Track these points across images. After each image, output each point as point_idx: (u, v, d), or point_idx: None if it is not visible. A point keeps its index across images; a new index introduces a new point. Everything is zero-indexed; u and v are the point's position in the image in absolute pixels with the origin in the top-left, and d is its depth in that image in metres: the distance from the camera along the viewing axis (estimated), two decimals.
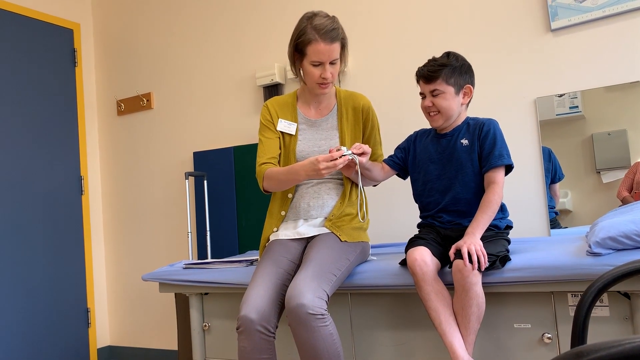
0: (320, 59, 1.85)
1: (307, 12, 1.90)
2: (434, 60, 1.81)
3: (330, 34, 1.83)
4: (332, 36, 1.83)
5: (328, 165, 1.72)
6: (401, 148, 2.02)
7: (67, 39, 3.64)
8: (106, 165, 3.79)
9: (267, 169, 1.94)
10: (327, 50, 1.84)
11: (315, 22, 1.84)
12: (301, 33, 1.87)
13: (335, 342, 1.60)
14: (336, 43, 1.85)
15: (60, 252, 3.42)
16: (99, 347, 3.62)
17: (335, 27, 1.85)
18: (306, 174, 1.78)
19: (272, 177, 1.91)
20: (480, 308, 1.58)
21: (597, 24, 2.29)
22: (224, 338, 2.24)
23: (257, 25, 3.19)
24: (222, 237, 3.12)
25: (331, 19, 1.87)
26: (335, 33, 1.85)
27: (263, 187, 1.97)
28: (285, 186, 1.91)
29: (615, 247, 1.54)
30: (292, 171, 1.83)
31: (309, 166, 1.76)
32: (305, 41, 1.86)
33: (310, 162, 1.76)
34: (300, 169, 1.79)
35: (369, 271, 1.86)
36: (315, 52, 1.85)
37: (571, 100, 2.32)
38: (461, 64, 1.80)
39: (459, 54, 1.84)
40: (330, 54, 1.85)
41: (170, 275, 2.26)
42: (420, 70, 1.83)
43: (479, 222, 1.67)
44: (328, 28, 1.83)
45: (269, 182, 1.93)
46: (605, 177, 2.25)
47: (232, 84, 3.27)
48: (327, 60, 1.86)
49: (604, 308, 1.59)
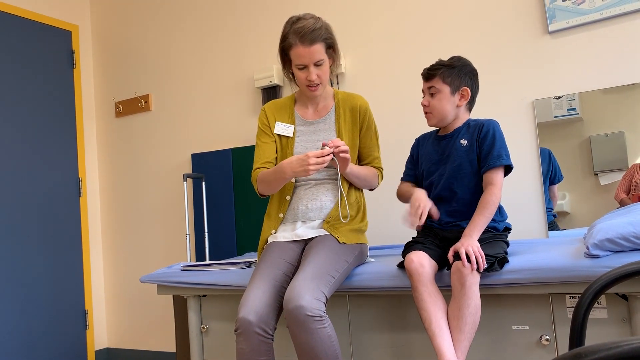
0: (303, 62, 1.86)
1: (292, 17, 1.90)
2: (439, 60, 1.85)
3: (309, 36, 1.82)
4: (312, 38, 1.83)
5: (318, 161, 1.72)
6: (409, 159, 2.04)
7: (65, 40, 3.64)
8: (104, 167, 3.79)
9: (260, 172, 1.95)
10: (307, 52, 1.84)
11: (297, 26, 1.85)
12: (284, 38, 1.89)
13: (333, 343, 1.60)
14: (317, 44, 1.84)
15: (58, 253, 3.41)
16: (96, 349, 3.61)
17: (315, 29, 1.83)
18: (292, 171, 1.77)
19: (263, 180, 1.92)
20: (477, 311, 1.57)
21: (594, 27, 2.30)
22: (222, 340, 2.24)
23: (255, 27, 3.19)
24: (220, 239, 3.12)
25: (315, 20, 1.86)
26: (316, 34, 1.83)
27: (258, 191, 1.98)
28: (275, 186, 1.90)
29: (613, 249, 1.54)
30: (278, 169, 1.83)
31: (295, 162, 1.76)
32: (287, 46, 1.88)
33: (297, 159, 1.76)
34: (286, 166, 1.79)
35: (367, 273, 1.86)
36: (296, 55, 1.86)
37: (569, 102, 2.32)
38: (462, 66, 1.81)
39: (466, 58, 1.85)
40: (312, 56, 1.85)
41: (168, 277, 2.26)
42: (424, 69, 1.87)
43: (476, 224, 1.67)
44: (307, 30, 1.82)
45: (262, 185, 1.94)
46: (603, 179, 2.25)
47: (231, 85, 3.27)
48: (309, 62, 1.86)
49: (602, 310, 1.59)
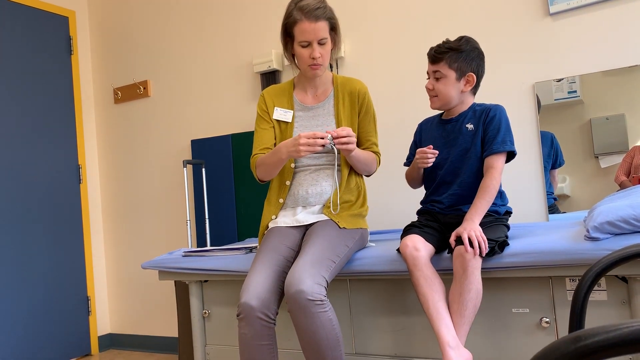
0: (307, 38, 1.86)
1: None
2: (446, 42, 1.79)
3: (314, 12, 1.84)
4: (317, 15, 1.84)
5: (308, 142, 1.73)
6: (412, 145, 2.03)
7: (63, 26, 3.61)
8: (104, 154, 3.78)
9: (259, 157, 1.95)
10: (312, 28, 1.84)
11: (301, 4, 1.86)
12: (288, 16, 1.90)
13: (334, 327, 1.61)
14: (322, 21, 1.85)
15: (60, 240, 3.42)
16: (99, 334, 3.64)
17: (320, 7, 1.85)
18: (287, 151, 1.80)
19: (261, 163, 1.93)
20: (478, 296, 1.58)
21: (595, 8, 2.28)
22: (224, 325, 2.25)
23: (254, 11, 3.16)
24: (221, 225, 3.12)
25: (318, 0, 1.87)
26: (321, 12, 1.85)
27: (257, 176, 1.99)
28: (273, 169, 1.91)
29: (613, 232, 1.55)
30: (275, 150, 1.86)
31: (290, 142, 1.79)
32: (292, 22, 1.88)
33: (292, 139, 1.79)
34: (283, 146, 1.82)
35: (368, 257, 1.87)
36: (301, 31, 1.86)
37: (569, 85, 2.31)
38: (470, 50, 1.77)
39: (474, 39, 1.81)
40: (317, 33, 1.85)
41: (169, 263, 2.26)
42: (430, 49, 1.83)
43: (477, 208, 1.67)
44: (312, 7, 1.84)
45: (260, 169, 1.95)
46: (604, 161, 2.25)
47: (230, 71, 3.25)
48: (314, 39, 1.86)
49: (601, 292, 1.60)
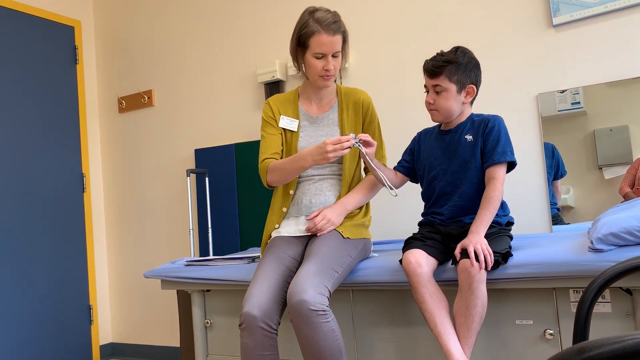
0: (324, 51, 1.87)
1: (309, 7, 1.93)
2: (441, 54, 1.77)
3: (332, 25, 1.86)
4: (335, 28, 1.86)
5: (335, 148, 1.72)
6: (407, 151, 2.01)
7: (68, 36, 3.64)
8: (108, 163, 3.80)
9: (271, 162, 1.94)
10: (329, 41, 1.86)
11: (318, 15, 1.88)
12: (304, 26, 1.89)
13: (337, 338, 1.60)
14: (338, 35, 1.88)
15: (63, 249, 3.42)
16: (101, 344, 3.63)
17: (336, 20, 1.88)
18: (313, 159, 1.79)
19: (277, 168, 1.91)
20: (484, 308, 1.57)
21: (599, 20, 2.29)
22: (226, 335, 2.25)
23: (258, 22, 3.18)
24: (224, 234, 3.12)
25: (332, 13, 1.90)
26: (337, 25, 1.88)
27: (267, 181, 1.96)
28: (291, 175, 1.90)
29: (618, 243, 1.54)
30: (298, 158, 1.84)
31: (315, 150, 1.77)
32: (308, 33, 1.88)
33: (317, 147, 1.77)
34: (307, 154, 1.80)
35: (371, 268, 1.86)
36: (318, 43, 1.87)
37: (573, 96, 2.31)
38: (468, 61, 1.75)
39: (468, 49, 1.79)
40: (333, 46, 1.87)
41: (172, 272, 2.26)
42: (426, 63, 1.79)
43: (482, 220, 1.66)
44: (330, 20, 1.86)
45: (273, 174, 1.93)
46: (607, 173, 2.24)
47: (233, 80, 3.27)
48: (329, 51, 1.88)
49: (606, 304, 1.59)
